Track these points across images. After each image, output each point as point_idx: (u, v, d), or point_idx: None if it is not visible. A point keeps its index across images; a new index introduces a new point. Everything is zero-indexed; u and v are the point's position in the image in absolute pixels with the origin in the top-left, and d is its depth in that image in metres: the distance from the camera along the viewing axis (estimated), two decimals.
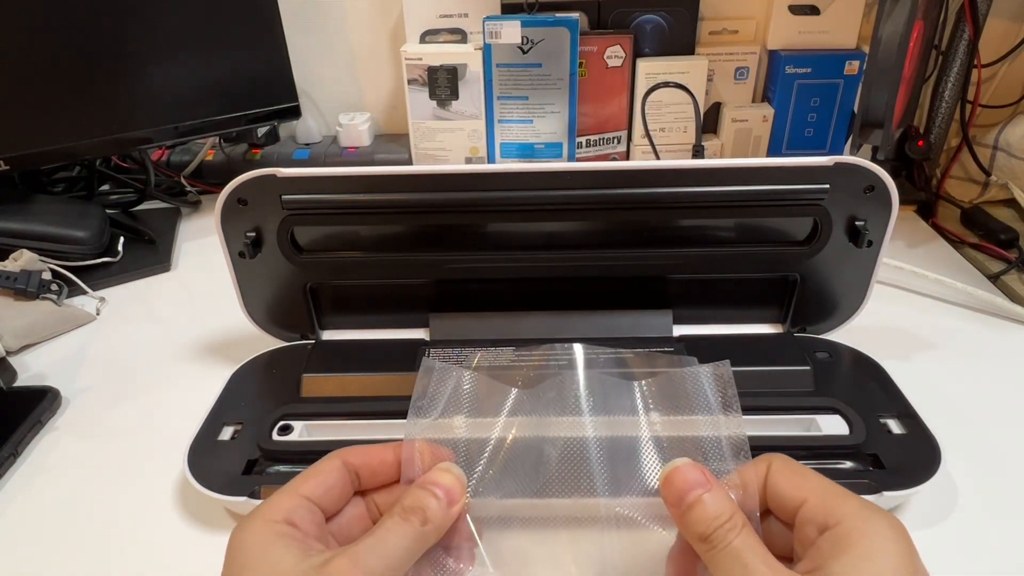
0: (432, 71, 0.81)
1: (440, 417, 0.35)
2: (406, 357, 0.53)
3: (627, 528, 0.32)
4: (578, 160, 0.85)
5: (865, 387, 0.50)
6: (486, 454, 0.34)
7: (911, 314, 0.62)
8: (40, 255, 0.66)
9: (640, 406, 0.35)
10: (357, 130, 0.90)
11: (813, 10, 0.80)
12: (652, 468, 0.33)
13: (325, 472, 0.32)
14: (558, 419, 0.35)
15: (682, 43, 0.83)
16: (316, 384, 0.51)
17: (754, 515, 0.30)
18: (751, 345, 0.55)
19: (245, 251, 0.51)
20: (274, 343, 0.57)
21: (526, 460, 0.34)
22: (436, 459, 0.33)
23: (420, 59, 0.81)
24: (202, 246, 0.78)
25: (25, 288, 0.62)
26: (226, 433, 0.47)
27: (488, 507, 0.33)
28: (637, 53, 0.82)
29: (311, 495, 0.30)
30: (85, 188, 0.83)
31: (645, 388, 0.35)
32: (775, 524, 0.30)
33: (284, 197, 0.48)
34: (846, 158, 0.47)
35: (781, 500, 0.29)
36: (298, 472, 0.32)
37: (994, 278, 0.67)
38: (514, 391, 0.36)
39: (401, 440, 0.33)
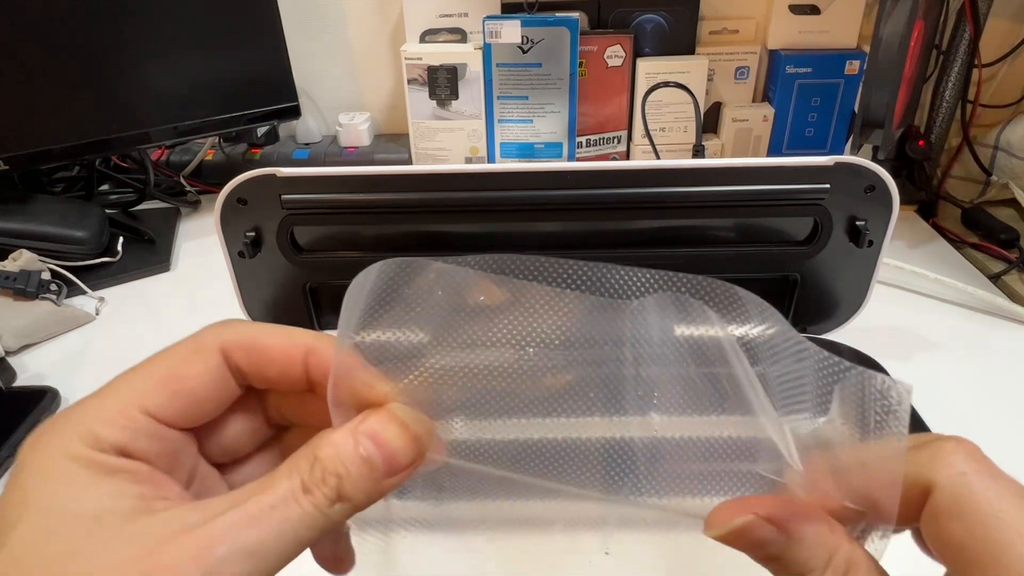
0: (432, 71, 0.81)
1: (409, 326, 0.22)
2: None
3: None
4: (578, 160, 0.85)
5: None
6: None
7: (912, 314, 0.62)
8: (39, 255, 0.66)
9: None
10: (357, 130, 0.90)
11: (813, 10, 0.80)
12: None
13: (186, 365, 0.20)
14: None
15: (682, 43, 0.83)
16: None
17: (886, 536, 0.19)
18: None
19: (245, 251, 0.51)
20: None
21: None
22: (385, 395, 0.21)
23: (420, 59, 0.81)
24: (202, 246, 0.78)
25: (24, 288, 0.62)
26: None
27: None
28: (637, 53, 0.82)
29: (158, 410, 0.19)
30: (84, 188, 0.83)
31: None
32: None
33: (284, 197, 0.48)
34: (847, 158, 0.47)
35: (954, 566, 0.18)
36: None
37: (995, 278, 0.67)
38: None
39: (328, 335, 0.22)
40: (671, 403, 0.23)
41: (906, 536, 0.20)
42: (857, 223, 0.49)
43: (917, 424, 0.46)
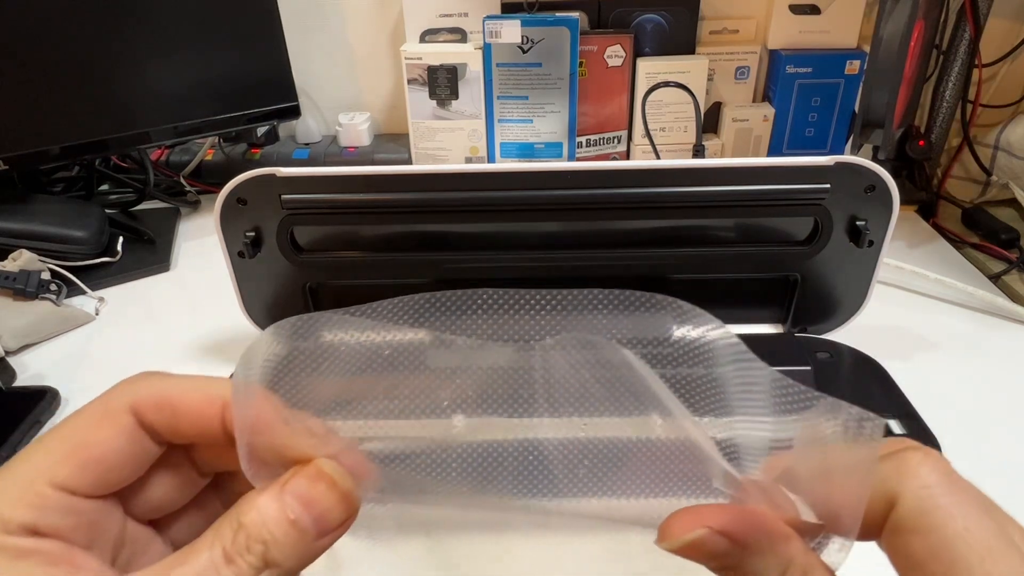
0: (432, 71, 0.81)
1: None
2: None
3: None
4: (578, 160, 0.85)
5: (866, 387, 0.50)
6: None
7: (912, 314, 0.62)
8: (39, 255, 0.66)
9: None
10: (357, 130, 0.90)
11: (814, 9, 0.80)
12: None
13: (95, 430, 0.19)
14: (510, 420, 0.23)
15: (682, 43, 0.83)
16: None
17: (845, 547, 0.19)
18: (751, 345, 0.54)
19: (245, 251, 0.51)
20: None
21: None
22: (305, 435, 0.19)
23: (420, 59, 0.81)
24: (201, 246, 0.78)
25: (24, 288, 0.62)
26: None
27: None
28: (637, 53, 0.82)
29: (69, 481, 0.18)
30: (84, 188, 0.83)
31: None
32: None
33: (284, 197, 0.48)
34: (847, 158, 0.47)
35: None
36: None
37: (995, 278, 0.67)
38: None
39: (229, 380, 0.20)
40: (585, 407, 0.22)
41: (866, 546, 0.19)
42: (857, 223, 0.49)
43: (917, 425, 0.46)
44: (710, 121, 0.87)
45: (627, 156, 0.87)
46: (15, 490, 0.17)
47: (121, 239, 0.74)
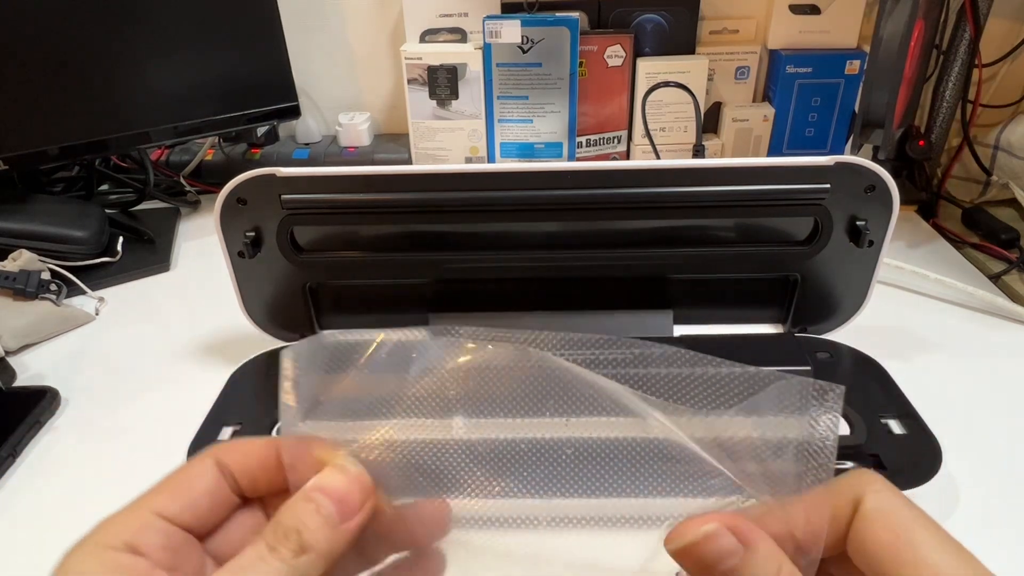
0: (432, 71, 0.81)
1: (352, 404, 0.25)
2: None
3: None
4: (578, 160, 0.85)
5: (866, 387, 0.50)
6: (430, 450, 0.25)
7: (912, 314, 0.62)
8: (39, 255, 0.66)
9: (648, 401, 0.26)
10: (357, 130, 0.90)
11: (814, 10, 0.80)
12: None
13: (189, 478, 0.24)
14: (524, 420, 0.26)
15: (682, 43, 0.83)
16: None
17: (814, 563, 0.22)
18: (752, 345, 0.55)
19: (245, 251, 0.51)
20: (274, 343, 0.57)
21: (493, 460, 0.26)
22: (333, 457, 0.24)
23: (420, 59, 0.81)
24: (202, 246, 0.78)
25: (24, 288, 0.62)
26: (225, 433, 0.47)
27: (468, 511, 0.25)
28: (637, 53, 0.82)
29: (165, 511, 0.23)
30: (84, 188, 0.83)
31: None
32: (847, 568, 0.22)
33: (283, 197, 0.48)
34: (847, 158, 0.47)
35: (875, 564, 0.21)
36: None
37: (995, 278, 0.67)
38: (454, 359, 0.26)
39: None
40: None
41: None
42: (857, 223, 0.49)
43: (918, 425, 0.46)
44: (710, 121, 0.87)
45: (627, 156, 0.88)
46: (127, 514, 0.22)
47: (121, 239, 0.74)
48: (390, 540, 0.25)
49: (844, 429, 0.45)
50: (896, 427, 0.46)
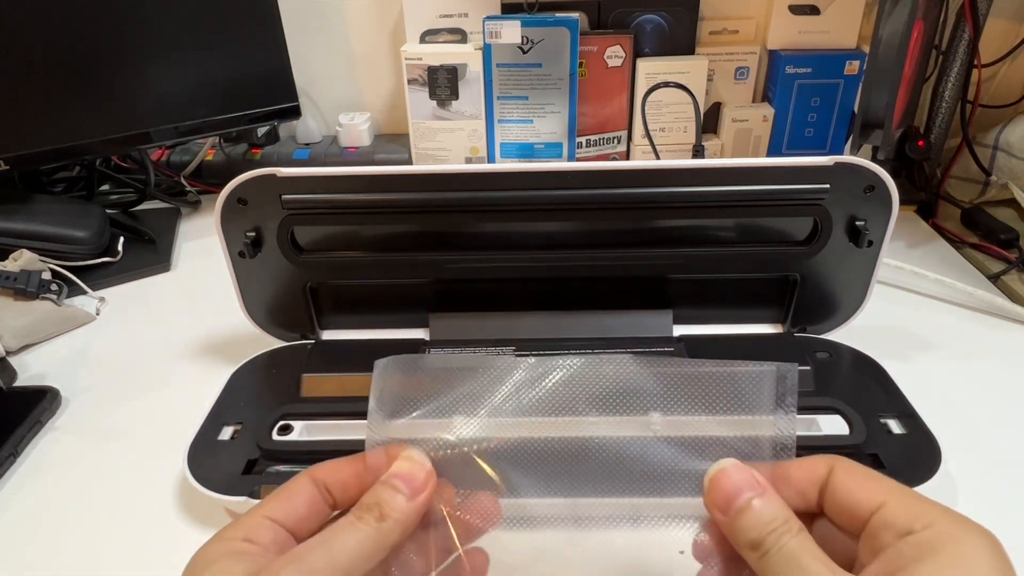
0: (432, 71, 0.81)
1: (409, 418, 0.31)
2: None
3: (641, 530, 0.30)
4: (578, 160, 0.85)
5: (865, 387, 0.50)
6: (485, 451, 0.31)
7: (911, 314, 0.62)
8: (40, 255, 0.66)
9: (657, 403, 0.31)
10: (357, 130, 0.90)
11: (813, 10, 0.80)
12: (675, 469, 0.30)
13: (290, 491, 0.29)
14: (558, 419, 0.31)
15: (682, 43, 0.83)
16: (316, 384, 0.51)
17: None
18: (751, 345, 0.55)
19: (245, 251, 0.51)
20: (274, 343, 0.57)
21: (529, 460, 0.31)
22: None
23: (420, 59, 0.81)
24: (202, 246, 0.78)
25: (25, 288, 0.62)
26: (226, 433, 0.47)
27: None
28: (637, 53, 0.82)
29: (273, 515, 0.28)
30: (85, 188, 0.83)
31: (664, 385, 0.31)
32: (827, 529, 0.28)
33: (284, 197, 0.48)
34: (846, 158, 0.47)
35: (851, 503, 0.27)
36: (298, 471, 0.31)
37: (994, 278, 0.67)
38: (502, 380, 0.32)
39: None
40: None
41: None
42: (857, 223, 0.49)
43: (917, 425, 0.46)
44: (710, 121, 0.87)
45: (627, 156, 0.88)
46: (243, 518, 0.28)
47: (122, 239, 0.74)
48: (451, 532, 0.30)
49: (843, 429, 0.45)
50: (895, 427, 0.46)
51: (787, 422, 0.29)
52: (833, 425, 0.46)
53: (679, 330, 0.56)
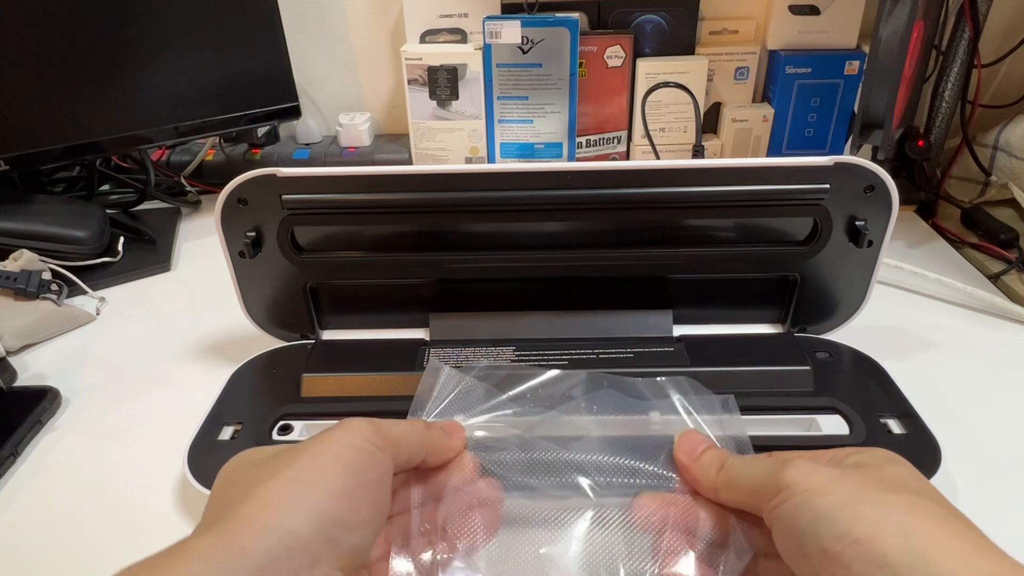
0: (432, 71, 0.81)
1: (446, 416, 0.38)
2: (406, 357, 0.53)
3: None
4: (578, 160, 0.85)
5: (865, 387, 0.50)
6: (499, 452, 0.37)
7: (911, 314, 0.62)
8: (40, 255, 0.66)
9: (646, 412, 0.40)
10: (357, 130, 0.90)
11: (813, 10, 0.80)
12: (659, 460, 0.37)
13: (409, 430, 0.34)
14: (567, 419, 0.40)
15: (682, 43, 0.83)
16: (316, 384, 0.51)
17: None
18: (751, 345, 0.55)
19: (245, 251, 0.51)
20: (274, 343, 0.57)
21: (537, 458, 0.37)
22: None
23: (420, 59, 0.81)
24: (202, 246, 0.78)
25: (25, 288, 0.62)
26: (226, 433, 0.47)
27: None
28: (637, 53, 0.82)
29: (391, 438, 0.32)
30: (85, 188, 0.83)
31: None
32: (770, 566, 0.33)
33: (284, 197, 0.48)
34: (846, 158, 0.47)
35: (745, 476, 0.33)
36: None
37: (994, 278, 0.67)
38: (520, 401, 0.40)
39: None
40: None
41: None
42: (857, 223, 0.49)
43: (917, 425, 0.46)
44: (710, 121, 0.87)
45: (627, 156, 0.88)
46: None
47: (122, 239, 0.74)
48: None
49: (843, 429, 0.45)
50: (895, 427, 0.46)
51: (738, 424, 0.38)
52: (833, 425, 0.46)
53: (679, 330, 0.56)
